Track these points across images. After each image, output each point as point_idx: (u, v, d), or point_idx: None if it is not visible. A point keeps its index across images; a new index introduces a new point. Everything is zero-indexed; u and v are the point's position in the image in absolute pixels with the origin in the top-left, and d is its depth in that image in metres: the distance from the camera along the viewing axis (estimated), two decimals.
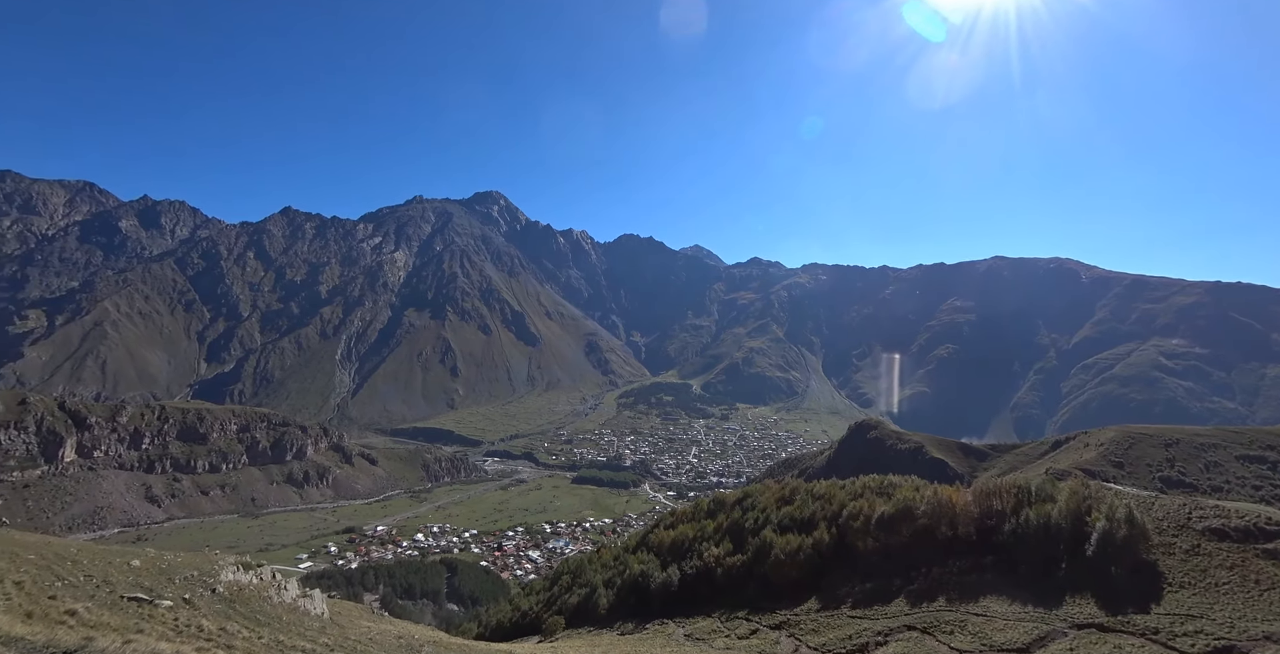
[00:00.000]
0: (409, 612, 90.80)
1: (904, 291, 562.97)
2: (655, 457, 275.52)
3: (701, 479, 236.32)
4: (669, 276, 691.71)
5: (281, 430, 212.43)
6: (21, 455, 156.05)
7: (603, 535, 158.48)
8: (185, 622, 17.63)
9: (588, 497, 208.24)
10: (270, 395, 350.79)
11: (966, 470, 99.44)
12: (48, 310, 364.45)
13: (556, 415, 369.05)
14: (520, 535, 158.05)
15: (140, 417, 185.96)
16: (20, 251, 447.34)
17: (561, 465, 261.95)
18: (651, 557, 35.67)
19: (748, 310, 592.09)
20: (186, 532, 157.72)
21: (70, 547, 25.98)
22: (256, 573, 28.34)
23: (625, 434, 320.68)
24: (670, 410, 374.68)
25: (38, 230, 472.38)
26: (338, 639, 23.80)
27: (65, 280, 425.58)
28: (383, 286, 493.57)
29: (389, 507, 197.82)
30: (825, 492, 33.98)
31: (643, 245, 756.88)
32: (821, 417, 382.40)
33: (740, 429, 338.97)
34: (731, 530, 34.61)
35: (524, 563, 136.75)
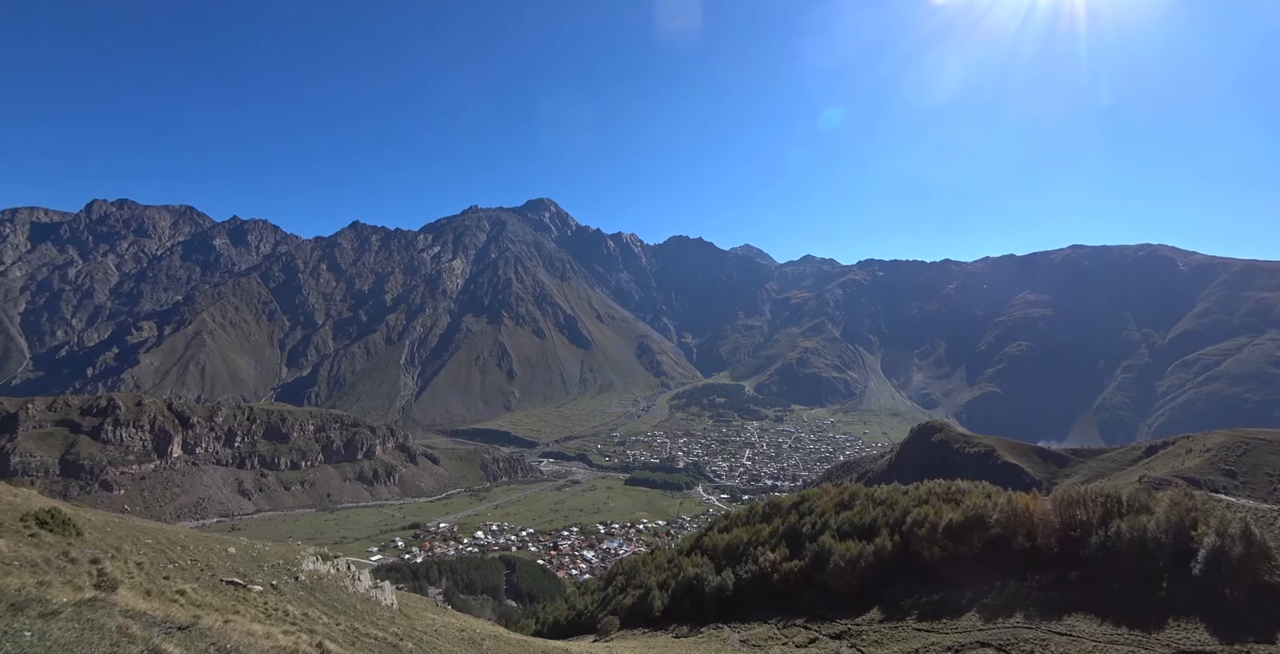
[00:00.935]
0: (470, 606, 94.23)
1: (969, 286, 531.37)
2: (708, 459, 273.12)
3: (755, 482, 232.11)
4: (719, 277, 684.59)
5: (353, 431, 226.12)
6: (139, 451, 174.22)
7: (656, 537, 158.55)
8: (273, 606, 19.13)
9: (641, 498, 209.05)
10: (343, 398, 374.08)
11: (1044, 477, 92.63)
12: (158, 322, 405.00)
13: (609, 417, 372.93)
14: (575, 535, 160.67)
15: (233, 417, 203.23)
16: (135, 270, 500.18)
17: (615, 467, 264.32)
18: (706, 560, 35.38)
19: (801, 309, 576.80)
20: (272, 523, 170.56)
21: (179, 533, 28.73)
22: (333, 564, 30.32)
23: (678, 436, 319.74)
24: (723, 412, 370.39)
25: (149, 251, 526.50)
26: (406, 629, 25.08)
27: (171, 295, 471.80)
28: (442, 294, 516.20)
29: (451, 504, 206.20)
30: (887, 497, 32.57)
31: (692, 246, 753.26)
32: (881, 418, 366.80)
33: (795, 431, 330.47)
34: (788, 535, 33.79)
35: (579, 562, 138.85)
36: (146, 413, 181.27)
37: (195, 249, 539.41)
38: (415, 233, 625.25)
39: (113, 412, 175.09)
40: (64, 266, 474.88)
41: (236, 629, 9.65)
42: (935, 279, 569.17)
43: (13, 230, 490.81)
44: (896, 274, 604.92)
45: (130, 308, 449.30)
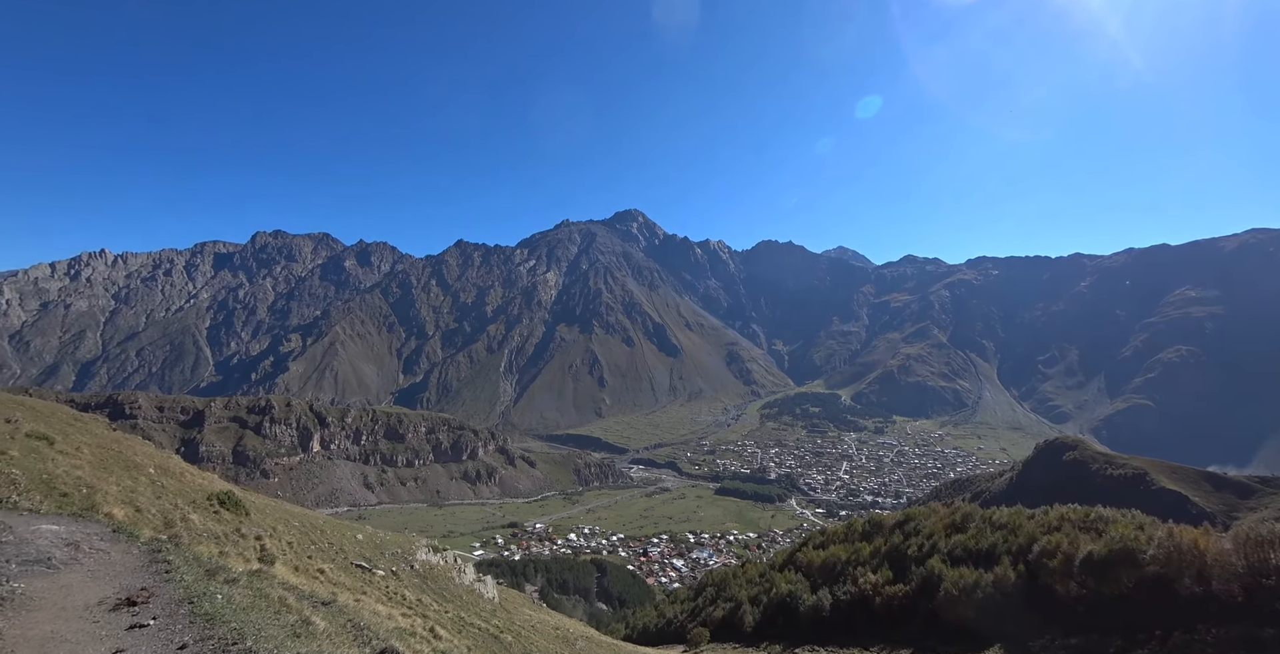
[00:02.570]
0: (562, 605, 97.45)
1: (1108, 283, 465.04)
2: (802, 471, 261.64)
3: (854, 497, 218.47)
4: (811, 281, 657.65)
5: (459, 433, 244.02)
6: (288, 445, 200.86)
7: (747, 549, 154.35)
8: (393, 590, 21.24)
9: (731, 508, 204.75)
10: (450, 402, 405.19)
11: (1219, 508, 78.39)
12: (303, 334, 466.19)
13: (698, 425, 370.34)
14: (665, 543, 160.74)
15: (359, 418, 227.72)
16: (286, 290, 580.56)
17: (704, 476, 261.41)
18: (800, 577, 33.96)
19: (902, 313, 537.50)
20: (390, 515, 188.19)
21: (318, 519, 32.78)
22: (443, 556, 32.97)
23: (769, 446, 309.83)
24: (817, 422, 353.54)
25: (296, 273, 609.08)
26: (506, 623, 26.61)
27: (312, 310, 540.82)
28: (537, 305, 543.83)
29: (546, 506, 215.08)
30: (1008, 521, 29.35)
31: (782, 251, 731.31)
32: (999, 433, 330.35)
33: (898, 444, 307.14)
34: (891, 556, 31.52)
35: (668, 570, 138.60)
36: (294, 413, 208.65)
37: (330, 270, 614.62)
38: (512, 248, 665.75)
39: (269, 411, 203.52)
40: (236, 289, 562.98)
41: (365, 608, 10.96)
42: (1064, 276, 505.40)
43: (201, 261, 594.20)
44: (1015, 272, 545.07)
45: (283, 322, 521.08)
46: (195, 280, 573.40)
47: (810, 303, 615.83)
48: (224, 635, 5.02)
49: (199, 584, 6.11)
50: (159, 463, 28.85)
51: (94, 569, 6.81)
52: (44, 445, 19.38)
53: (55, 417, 28.36)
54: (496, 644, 20.49)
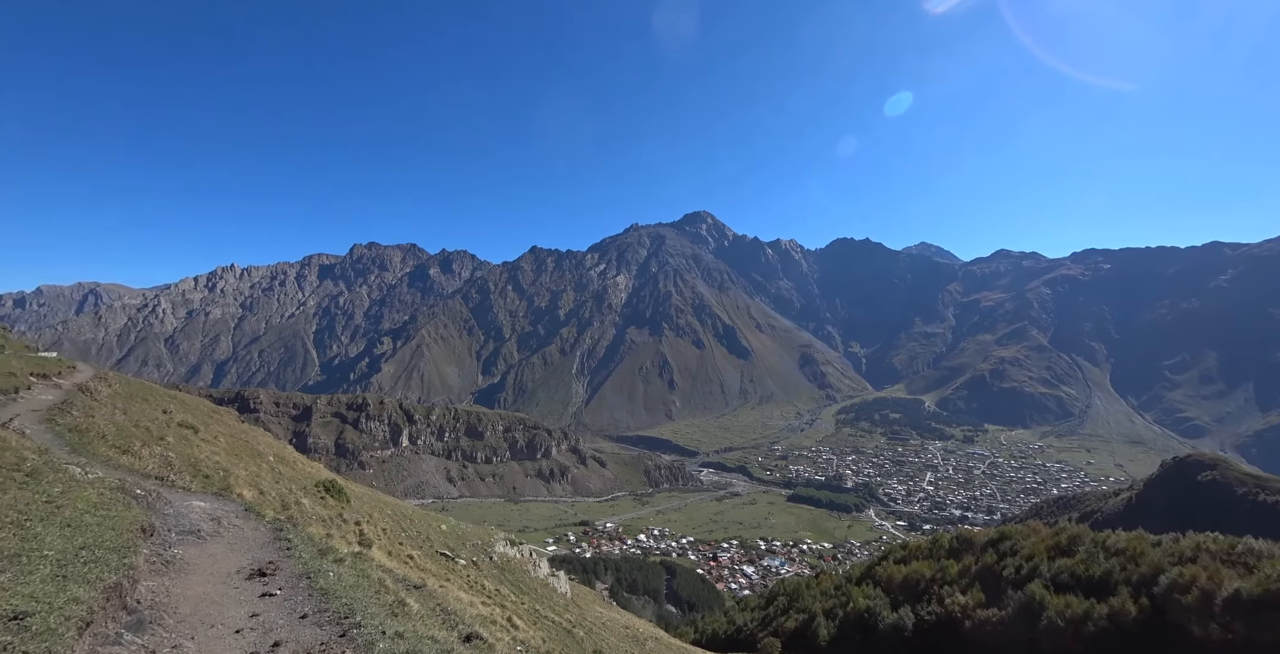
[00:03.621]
0: (632, 605, 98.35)
1: (1256, 276, 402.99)
2: (881, 480, 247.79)
3: (939, 510, 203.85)
4: (891, 280, 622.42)
5: (534, 432, 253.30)
6: (381, 439, 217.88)
7: (821, 560, 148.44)
8: (474, 579, 22.55)
9: (805, 517, 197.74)
10: (525, 402, 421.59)
11: None
12: (393, 337, 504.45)
13: (770, 430, 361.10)
14: (735, 549, 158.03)
15: (443, 416, 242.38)
16: (379, 297, 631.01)
17: (776, 481, 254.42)
18: (879, 592, 32.32)
19: (994, 313, 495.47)
20: (470, 508, 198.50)
21: (407, 508, 35.39)
22: (519, 550, 34.48)
23: (845, 453, 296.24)
24: (898, 429, 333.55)
25: (387, 281, 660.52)
26: (578, 618, 27.41)
27: (401, 316, 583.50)
28: (608, 308, 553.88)
29: (616, 506, 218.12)
30: (1127, 547, 26.38)
31: (858, 249, 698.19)
32: (1114, 446, 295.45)
33: (990, 455, 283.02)
34: (982, 577, 29.29)
35: (738, 576, 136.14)
36: (386, 410, 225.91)
37: (417, 278, 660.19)
38: (584, 253, 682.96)
39: (365, 408, 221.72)
40: (337, 296, 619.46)
41: (450, 595, 11.81)
42: (1197, 268, 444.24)
43: (309, 272, 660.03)
44: (1132, 265, 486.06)
45: (376, 326, 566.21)
46: (304, 289, 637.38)
47: (890, 303, 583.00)
48: (337, 609, 5.54)
49: (314, 562, 6.97)
50: (277, 452, 32.42)
51: (232, 542, 7.93)
52: (191, 433, 22.46)
53: (198, 409, 32.66)
54: (569, 638, 21.20)
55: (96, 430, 16.01)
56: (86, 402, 18.75)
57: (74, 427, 15.06)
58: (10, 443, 8.01)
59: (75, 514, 6.04)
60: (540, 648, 13.02)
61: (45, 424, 14.36)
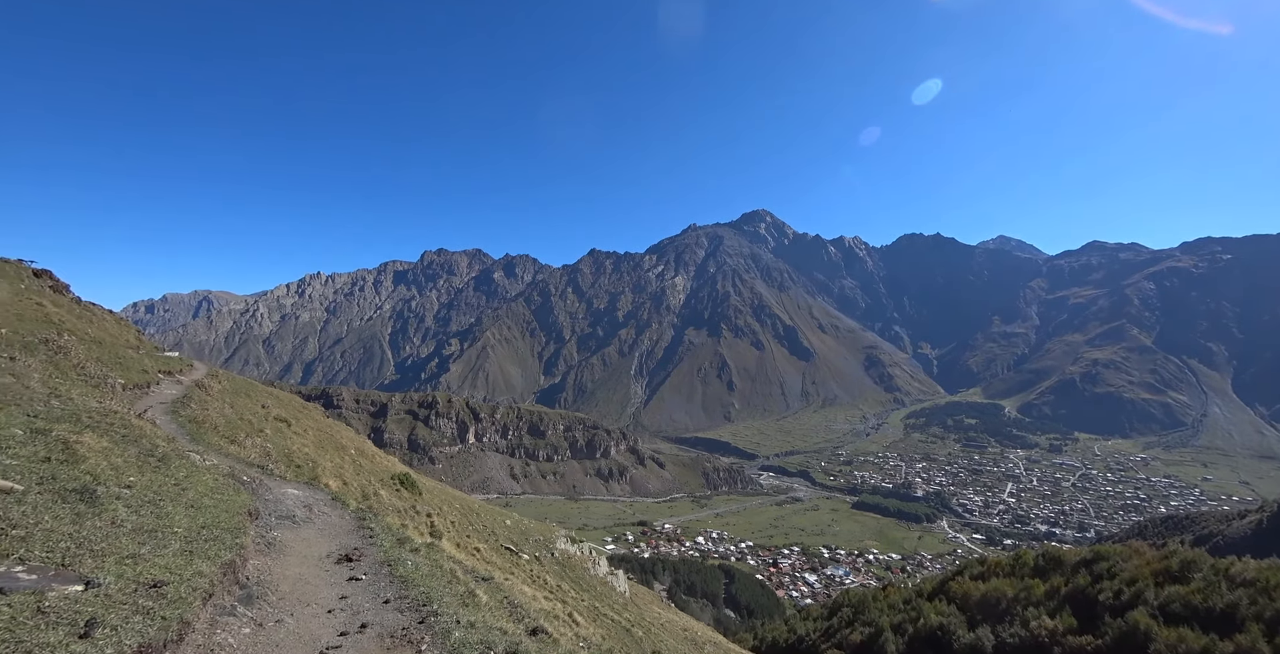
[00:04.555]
0: (689, 607, 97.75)
1: None
2: (955, 489, 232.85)
3: (1022, 525, 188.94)
4: (965, 277, 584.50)
5: (593, 432, 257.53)
6: (449, 436, 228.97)
7: (888, 571, 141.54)
8: (536, 574, 23.28)
9: (870, 525, 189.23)
10: (585, 403, 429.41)
11: None
12: (460, 339, 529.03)
13: (834, 434, 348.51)
14: (796, 555, 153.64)
15: (506, 415, 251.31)
16: (447, 300, 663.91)
17: (840, 487, 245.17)
18: (953, 609, 30.50)
19: (1086, 311, 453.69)
20: (532, 505, 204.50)
21: (473, 503, 37.04)
22: (579, 547, 35.23)
23: (915, 460, 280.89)
24: (974, 436, 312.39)
25: (455, 286, 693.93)
26: (636, 617, 27.66)
27: (468, 318, 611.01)
28: (666, 309, 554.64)
29: (674, 508, 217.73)
30: (1258, 577, 23.49)
31: (928, 244, 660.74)
32: (1237, 461, 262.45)
33: (1083, 466, 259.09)
34: (1074, 600, 26.99)
35: (799, 584, 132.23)
36: (454, 408, 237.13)
37: (482, 282, 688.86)
38: (641, 254, 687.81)
39: (435, 406, 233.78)
40: (409, 300, 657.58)
41: (515, 588, 12.30)
42: None
43: (384, 277, 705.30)
44: (1261, 255, 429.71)
45: (445, 328, 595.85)
46: (380, 294, 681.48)
47: (964, 301, 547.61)
48: (416, 597, 6.01)
49: (393, 550, 7.52)
50: (357, 446, 34.87)
51: (322, 528, 8.67)
52: (284, 427, 24.62)
53: (290, 404, 35.69)
54: (628, 637, 21.45)
55: (210, 422, 17.92)
56: (202, 396, 21.00)
57: (192, 418, 16.93)
58: (146, 431, 9.16)
59: (196, 496, 6.85)
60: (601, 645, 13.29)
61: (170, 415, 16.23)
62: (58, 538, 4.22)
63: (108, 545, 4.45)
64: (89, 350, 17.78)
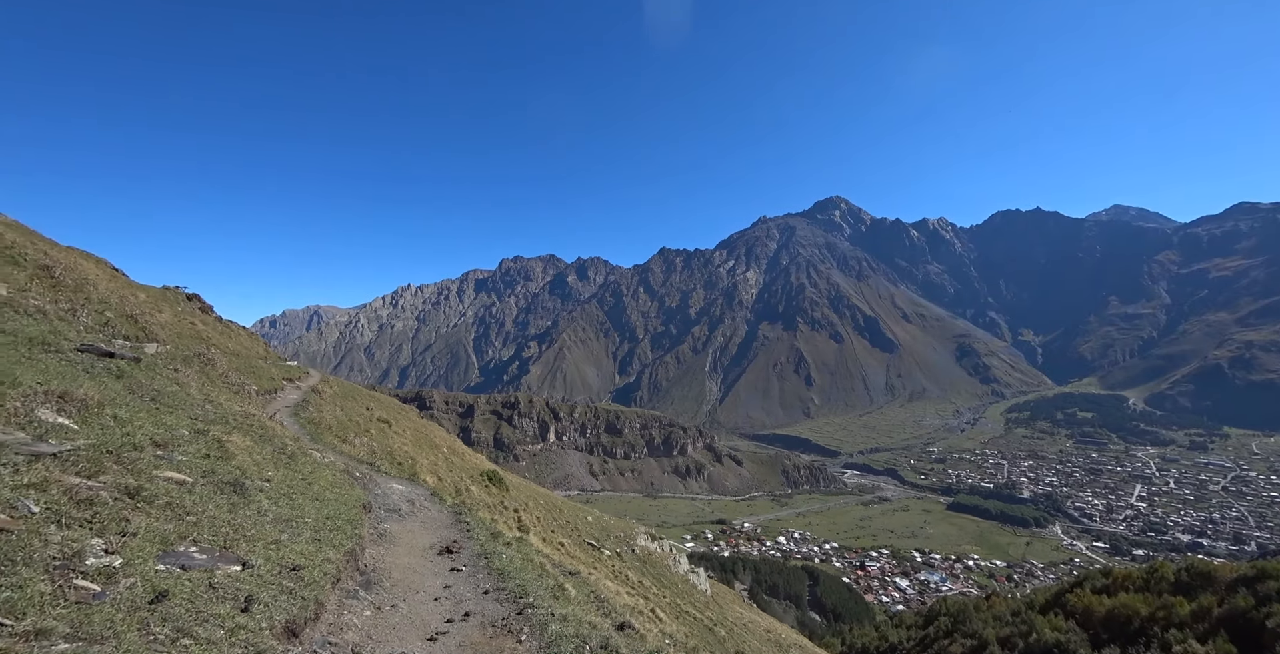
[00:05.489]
0: (772, 608, 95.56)
1: None
2: (1070, 491, 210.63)
3: (1156, 533, 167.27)
4: (1074, 254, 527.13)
5: (669, 430, 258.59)
6: (531, 435, 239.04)
7: (991, 579, 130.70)
8: (618, 570, 23.82)
9: (969, 528, 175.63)
10: (660, 401, 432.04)
11: None
12: (538, 342, 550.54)
13: (923, 429, 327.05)
14: (885, 558, 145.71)
15: (584, 414, 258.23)
16: (525, 305, 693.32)
17: (932, 487, 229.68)
18: (1073, 625, 27.72)
19: (1234, 285, 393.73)
20: (610, 502, 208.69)
21: (555, 499, 38.48)
22: (659, 544, 35.59)
23: (1019, 458, 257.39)
24: (1090, 431, 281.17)
25: (531, 291, 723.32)
26: (718, 616, 27.53)
27: (544, 321, 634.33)
28: (739, 304, 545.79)
29: (754, 506, 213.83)
30: None
31: (1025, 221, 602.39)
32: None
33: (1235, 467, 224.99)
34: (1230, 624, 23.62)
35: (890, 589, 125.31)
36: (534, 408, 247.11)
37: (556, 286, 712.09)
38: (711, 250, 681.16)
39: (517, 406, 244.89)
40: (490, 307, 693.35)
41: (597, 580, 12.70)
42: None
43: (466, 286, 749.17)
44: None
45: (524, 332, 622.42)
46: (464, 302, 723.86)
47: (1072, 281, 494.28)
48: (512, 589, 6.43)
49: (489, 543, 8.06)
50: (449, 444, 37.32)
51: (425, 521, 9.44)
52: (386, 427, 26.87)
53: (390, 407, 38.86)
54: (710, 636, 21.43)
55: (325, 423, 19.97)
56: (317, 400, 23.43)
57: (311, 420, 18.95)
58: (277, 432, 10.42)
59: (320, 490, 7.72)
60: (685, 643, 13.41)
61: (294, 417, 18.26)
62: (219, 524, 4.88)
63: (256, 532, 5.10)
64: (230, 362, 20.35)
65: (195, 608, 3.45)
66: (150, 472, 5.14)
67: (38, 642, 2.60)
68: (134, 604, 3.20)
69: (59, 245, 22.94)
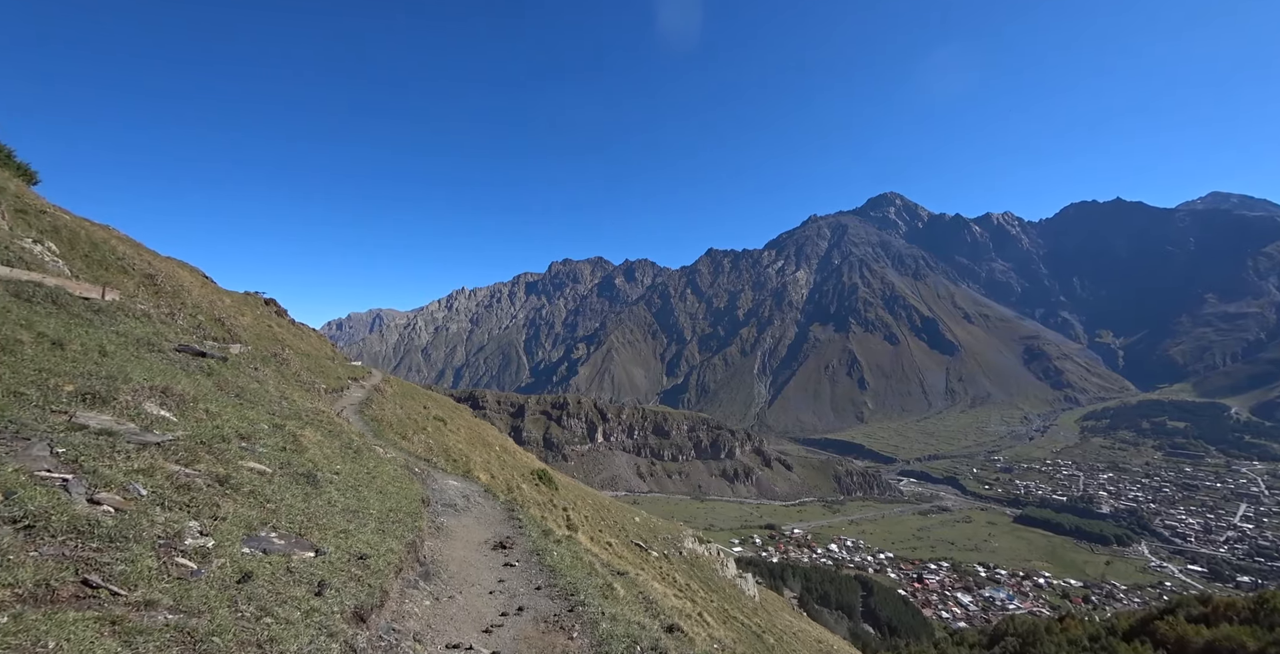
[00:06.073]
0: (823, 618, 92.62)
1: None
2: (1159, 508, 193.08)
3: (1266, 559, 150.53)
4: (1161, 248, 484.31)
5: (717, 432, 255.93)
6: (579, 435, 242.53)
7: (1065, 599, 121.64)
8: (665, 572, 23.79)
9: (1039, 544, 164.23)
10: (707, 403, 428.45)
11: None
12: (586, 343, 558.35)
13: (987, 436, 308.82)
14: (945, 572, 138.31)
15: (632, 415, 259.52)
16: (573, 307, 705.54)
17: (997, 498, 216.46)
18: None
19: None
20: (658, 503, 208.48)
21: (603, 499, 38.86)
22: (706, 548, 35.27)
23: (1098, 469, 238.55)
24: (1183, 442, 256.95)
25: (579, 293, 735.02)
26: (766, 623, 26.97)
27: (592, 323, 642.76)
28: (788, 305, 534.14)
29: (804, 512, 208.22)
30: None
31: (1104, 213, 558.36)
32: None
33: None
34: None
35: (950, 604, 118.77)
36: (583, 409, 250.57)
37: (604, 288, 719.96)
38: (760, 251, 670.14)
39: (565, 407, 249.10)
40: (540, 309, 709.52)
41: (645, 581, 12.74)
42: None
43: (517, 289, 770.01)
44: None
45: (572, 334, 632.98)
46: (515, 304, 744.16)
47: (1159, 277, 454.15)
48: (564, 586, 6.58)
49: (540, 541, 8.27)
50: (501, 443, 38.41)
51: (479, 516, 9.78)
52: (441, 425, 27.98)
53: (445, 406, 40.44)
54: (759, 643, 21.04)
55: (386, 420, 21.03)
56: (379, 399, 24.71)
57: (374, 417, 20.01)
58: (344, 428, 11.09)
59: (383, 484, 8.15)
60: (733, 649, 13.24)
61: (358, 414, 19.35)
62: (294, 513, 5.27)
63: (327, 521, 5.46)
64: (302, 361, 21.79)
65: (275, 590, 3.79)
66: (236, 462, 5.63)
67: (146, 611, 2.95)
68: (224, 583, 3.58)
69: (160, 255, 25.29)
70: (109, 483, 4.07)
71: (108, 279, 13.26)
